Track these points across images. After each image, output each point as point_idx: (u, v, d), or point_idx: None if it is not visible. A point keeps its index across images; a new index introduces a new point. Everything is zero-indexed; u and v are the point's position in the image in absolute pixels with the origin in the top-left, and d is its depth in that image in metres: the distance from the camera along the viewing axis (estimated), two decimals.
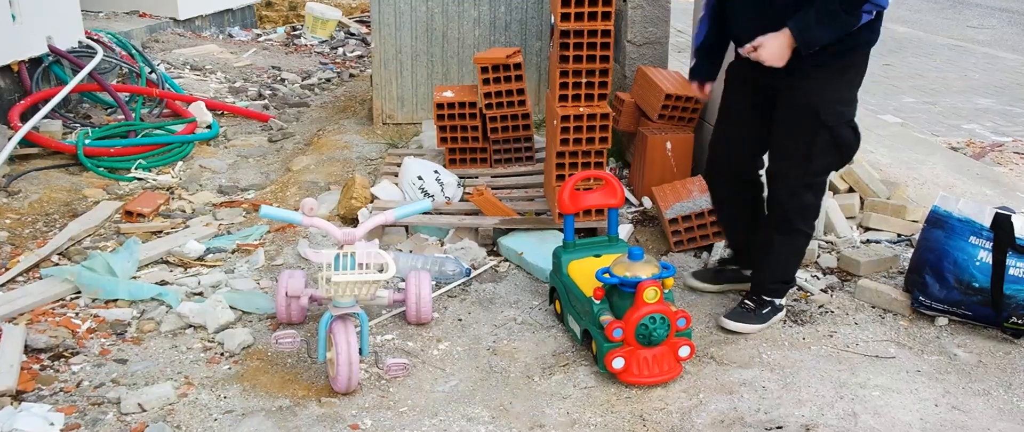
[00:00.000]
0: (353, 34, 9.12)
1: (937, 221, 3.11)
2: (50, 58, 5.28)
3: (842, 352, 2.89)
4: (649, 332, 2.62)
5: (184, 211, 4.13)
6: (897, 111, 6.53)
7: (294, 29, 9.29)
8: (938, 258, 3.03)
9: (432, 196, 3.92)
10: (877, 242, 3.72)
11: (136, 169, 4.61)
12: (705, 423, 2.48)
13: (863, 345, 2.94)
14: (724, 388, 2.65)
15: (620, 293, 2.69)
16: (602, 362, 2.66)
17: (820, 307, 3.19)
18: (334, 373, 2.56)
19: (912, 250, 3.63)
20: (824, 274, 3.45)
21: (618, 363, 2.63)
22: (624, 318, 2.63)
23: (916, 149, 5.18)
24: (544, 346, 2.92)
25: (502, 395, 2.63)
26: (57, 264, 3.46)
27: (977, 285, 2.95)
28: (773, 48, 2.61)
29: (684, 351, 2.70)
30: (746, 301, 3.04)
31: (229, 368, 2.75)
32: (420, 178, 3.95)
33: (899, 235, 3.81)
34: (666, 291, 2.69)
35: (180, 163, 4.81)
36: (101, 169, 4.55)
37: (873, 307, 3.19)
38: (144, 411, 2.48)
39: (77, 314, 3.05)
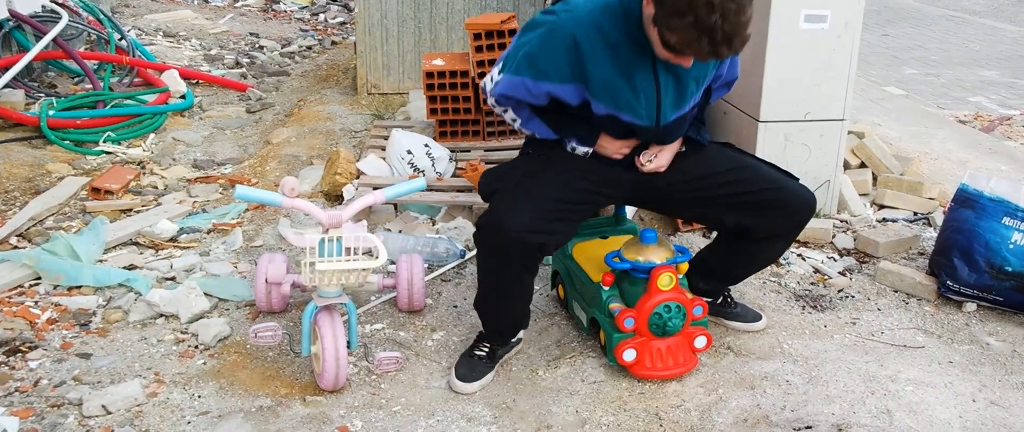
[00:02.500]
0: None
1: (966, 200, 2.91)
2: (11, 23, 4.99)
3: (867, 341, 2.69)
4: (664, 321, 2.41)
5: (156, 187, 3.88)
6: (900, 83, 6.33)
7: None
8: (968, 240, 2.83)
9: (422, 171, 3.69)
10: (894, 221, 3.52)
11: (104, 142, 4.35)
12: (727, 423, 2.28)
13: (889, 333, 2.74)
14: (745, 382, 2.45)
15: (631, 279, 2.47)
16: (612, 354, 2.45)
17: (839, 291, 2.99)
18: (320, 369, 2.33)
19: (930, 229, 3.46)
20: (841, 255, 3.25)
21: (629, 355, 2.42)
22: (636, 307, 2.42)
23: (924, 122, 4.98)
24: (547, 335, 2.71)
25: (504, 391, 2.42)
26: (16, 247, 3.20)
27: (1010, 269, 2.76)
28: (666, 159, 2.40)
29: (700, 341, 2.49)
30: (731, 300, 2.78)
31: (204, 363, 2.51)
32: (409, 152, 3.71)
33: (915, 213, 3.61)
34: (681, 277, 2.48)
35: (152, 136, 4.56)
36: (66, 142, 4.28)
37: (896, 291, 3.00)
38: (109, 414, 2.24)
39: (36, 303, 2.80)
